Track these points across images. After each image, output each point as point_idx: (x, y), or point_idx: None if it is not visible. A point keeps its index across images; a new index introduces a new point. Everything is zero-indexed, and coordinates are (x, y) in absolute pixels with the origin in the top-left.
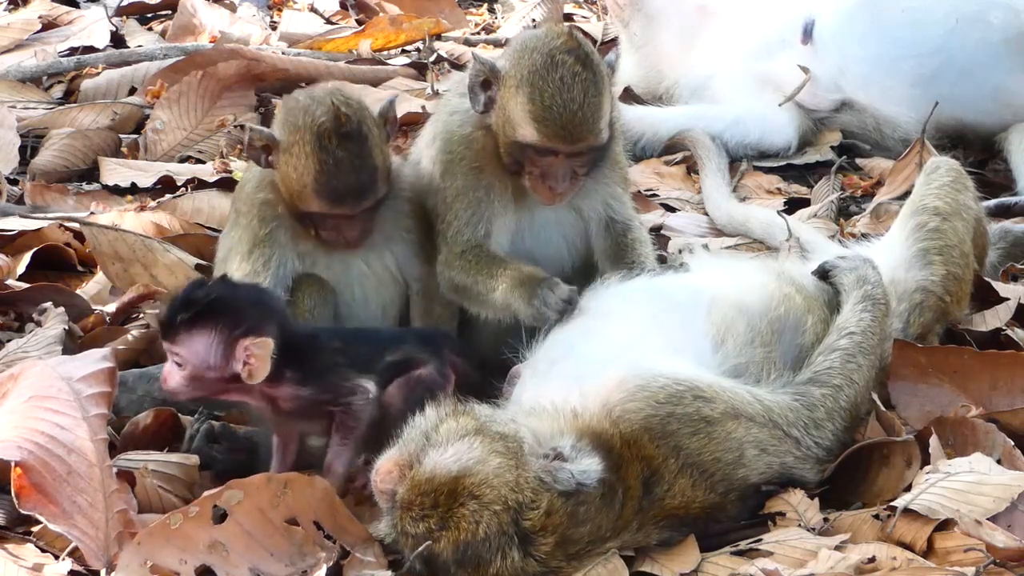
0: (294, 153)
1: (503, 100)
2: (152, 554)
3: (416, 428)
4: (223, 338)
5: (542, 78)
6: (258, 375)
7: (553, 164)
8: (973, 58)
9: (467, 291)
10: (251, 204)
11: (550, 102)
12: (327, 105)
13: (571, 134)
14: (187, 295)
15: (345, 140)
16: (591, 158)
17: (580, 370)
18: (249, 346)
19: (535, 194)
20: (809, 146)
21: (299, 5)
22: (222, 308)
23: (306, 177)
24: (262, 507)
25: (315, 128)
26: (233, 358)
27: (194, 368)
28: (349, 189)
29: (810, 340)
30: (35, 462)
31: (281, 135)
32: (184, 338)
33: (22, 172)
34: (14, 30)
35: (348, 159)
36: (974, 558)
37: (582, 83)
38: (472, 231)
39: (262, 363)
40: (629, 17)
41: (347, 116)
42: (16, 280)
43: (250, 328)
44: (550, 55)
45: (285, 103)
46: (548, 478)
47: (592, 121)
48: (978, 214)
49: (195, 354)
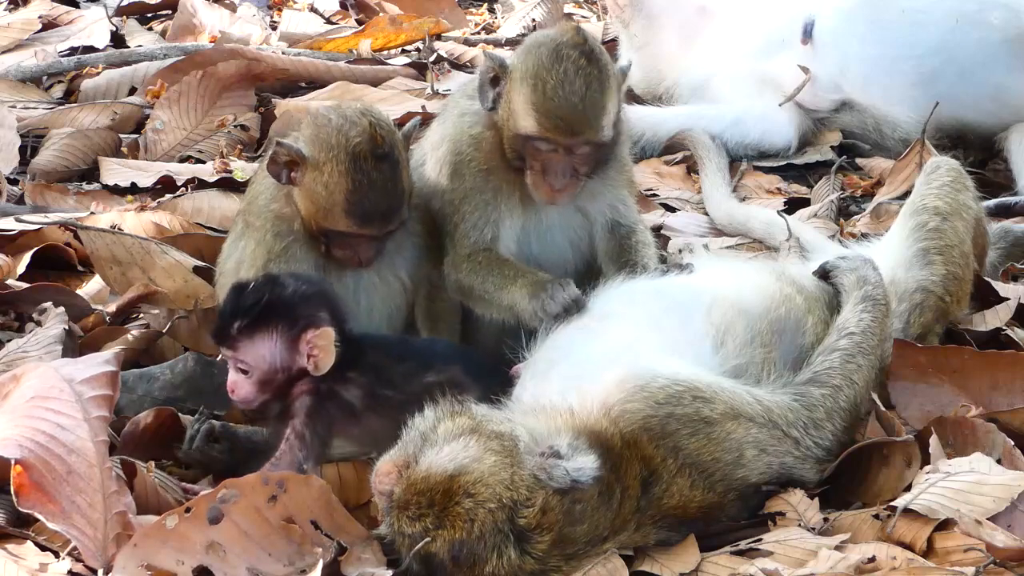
0: (326, 171)
1: (509, 94)
2: (149, 555)
3: (414, 429)
4: (285, 336)
5: (546, 70)
6: (323, 365)
7: (553, 159)
8: (973, 58)
9: (473, 292)
10: (265, 218)
11: (551, 93)
12: (363, 126)
13: (570, 126)
14: (237, 301)
15: (380, 162)
16: (592, 156)
17: (579, 370)
18: (311, 339)
19: (535, 192)
20: (809, 146)
21: (299, 5)
22: (278, 307)
23: (337, 196)
24: (258, 507)
25: (350, 148)
26: (298, 353)
27: (262, 372)
28: (379, 211)
29: (810, 340)
30: (35, 461)
31: (311, 152)
32: (246, 345)
33: (22, 172)
34: (14, 30)
35: (381, 181)
36: (974, 558)
37: (585, 77)
38: (479, 233)
39: (326, 353)
40: (629, 17)
41: (383, 138)
42: (16, 280)
43: (310, 321)
44: (556, 49)
45: (314, 120)
46: (543, 475)
47: (592, 116)
48: (978, 214)
49: (260, 358)
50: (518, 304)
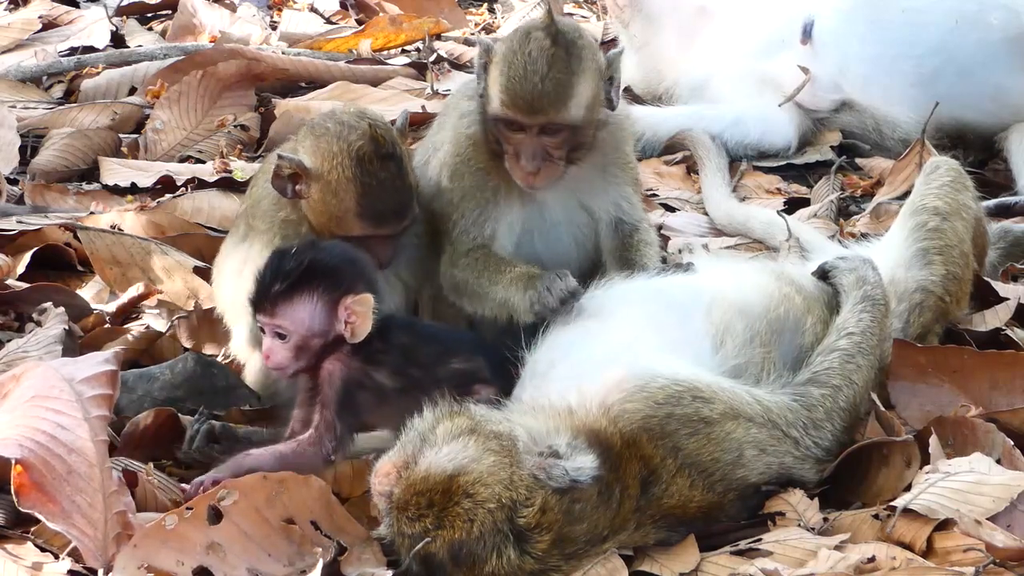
0: (332, 180)
1: (488, 79)
2: (148, 556)
3: (414, 430)
4: (325, 300)
5: (514, 52)
6: (360, 331)
7: (523, 141)
8: (973, 58)
9: (468, 288)
10: (271, 222)
11: (514, 73)
12: (362, 129)
13: (531, 105)
14: (279, 265)
15: (386, 161)
16: (565, 140)
17: (579, 370)
18: (350, 304)
19: (514, 175)
20: (809, 146)
21: (299, 5)
22: (318, 271)
23: (348, 203)
24: (258, 507)
25: (353, 153)
26: (336, 319)
27: (299, 337)
28: (392, 209)
29: (809, 340)
30: (35, 460)
31: (313, 164)
32: (285, 308)
33: (22, 172)
34: (14, 30)
35: (390, 180)
36: (974, 558)
37: (549, 57)
38: (478, 230)
39: (363, 319)
40: (629, 18)
41: (383, 137)
42: (16, 280)
43: (349, 286)
44: (526, 32)
45: (312, 131)
46: (542, 475)
47: (555, 95)
48: (978, 214)
49: (299, 322)
50: (512, 298)
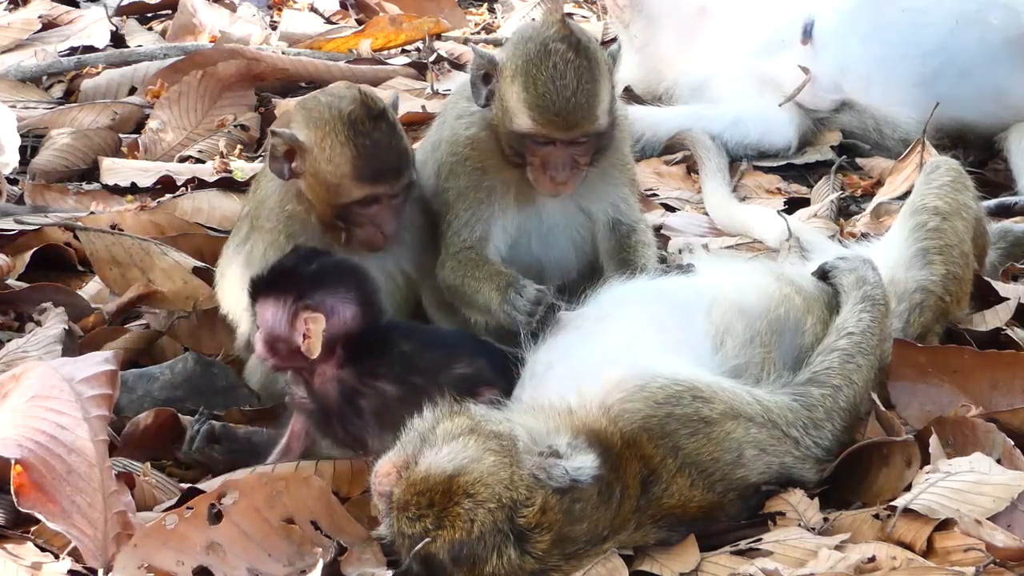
0: (326, 147)
1: (501, 91)
2: (148, 556)
3: (413, 430)
4: (286, 307)
5: (536, 67)
6: (312, 351)
7: (552, 153)
8: (973, 58)
9: (456, 292)
10: (277, 219)
11: (544, 90)
12: (352, 95)
13: (567, 121)
14: (279, 259)
15: (378, 121)
16: (591, 146)
17: (578, 370)
18: (306, 319)
19: (538, 186)
20: (809, 146)
21: (299, 5)
22: (292, 277)
23: (344, 167)
24: (258, 507)
25: (345, 117)
26: (295, 329)
27: (266, 332)
28: (389, 166)
29: (809, 340)
30: (35, 460)
31: (306, 135)
32: (260, 301)
33: (22, 172)
34: (14, 30)
35: (384, 138)
36: (974, 558)
37: (575, 70)
38: (469, 232)
39: (315, 338)
40: (629, 18)
41: (374, 101)
42: (16, 280)
43: (310, 303)
44: (543, 43)
45: (303, 106)
46: (542, 475)
47: (588, 107)
48: (978, 214)
49: (264, 319)
50: (492, 303)
